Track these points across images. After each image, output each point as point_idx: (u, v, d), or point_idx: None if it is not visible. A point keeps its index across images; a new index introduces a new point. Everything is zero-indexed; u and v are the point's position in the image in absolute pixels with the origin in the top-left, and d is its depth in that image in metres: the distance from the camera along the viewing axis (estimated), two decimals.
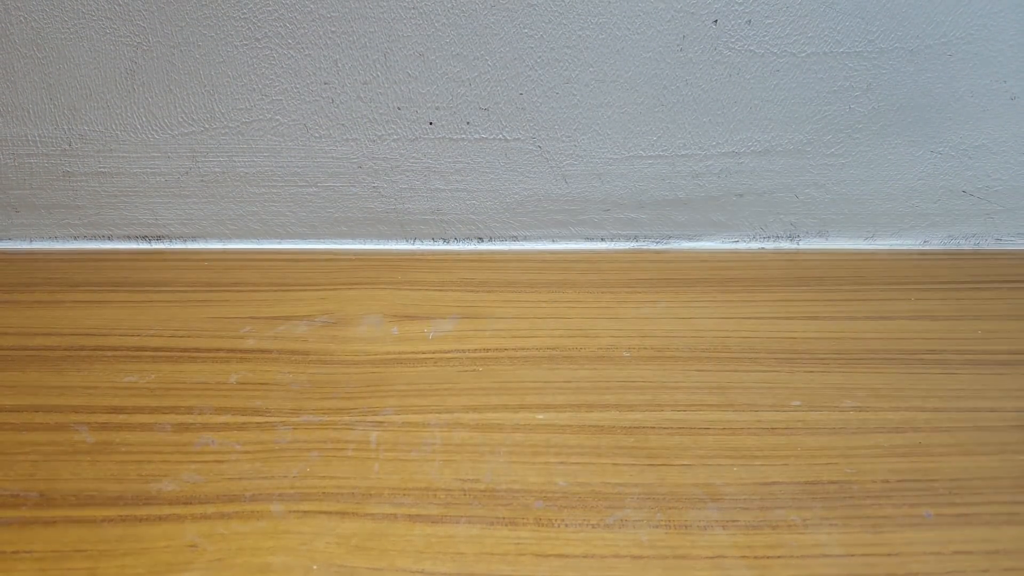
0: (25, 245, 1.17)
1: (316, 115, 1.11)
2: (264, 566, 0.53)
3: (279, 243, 1.17)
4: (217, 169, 1.14)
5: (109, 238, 1.17)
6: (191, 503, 0.59)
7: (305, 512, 0.58)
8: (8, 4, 1.06)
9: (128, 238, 1.17)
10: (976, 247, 1.18)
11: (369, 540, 0.56)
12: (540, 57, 1.10)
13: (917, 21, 1.08)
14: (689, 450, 0.67)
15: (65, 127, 1.12)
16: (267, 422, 0.70)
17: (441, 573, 0.53)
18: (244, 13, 1.07)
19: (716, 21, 1.08)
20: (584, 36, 1.09)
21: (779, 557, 0.55)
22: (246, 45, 1.09)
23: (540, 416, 0.72)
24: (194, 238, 1.17)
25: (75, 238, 1.17)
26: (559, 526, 0.57)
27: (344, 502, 0.60)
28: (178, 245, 1.17)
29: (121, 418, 0.71)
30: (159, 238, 1.17)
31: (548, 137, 1.13)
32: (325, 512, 0.58)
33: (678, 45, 1.09)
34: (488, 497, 0.61)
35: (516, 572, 0.53)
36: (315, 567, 0.53)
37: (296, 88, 1.10)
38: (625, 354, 0.84)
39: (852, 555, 0.55)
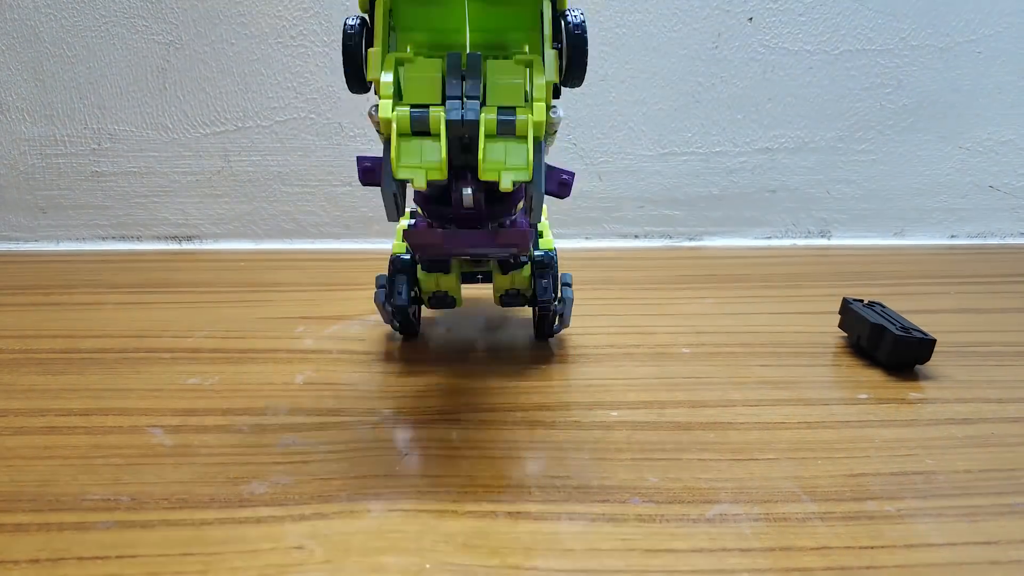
0: (52, 247, 1.15)
1: (351, 114, 1.11)
2: (377, 566, 0.52)
3: (312, 243, 1.16)
4: (250, 168, 1.12)
5: (138, 239, 1.15)
6: (287, 504, 0.58)
7: (405, 511, 0.58)
8: (37, 1, 1.05)
9: (158, 238, 1.16)
10: (1002, 242, 1.20)
11: (475, 538, 0.55)
12: None
13: (948, 19, 1.10)
14: (770, 444, 0.67)
15: (95, 126, 1.10)
16: (344, 421, 0.70)
17: (555, 570, 0.53)
18: (279, 10, 1.06)
19: (751, 19, 1.09)
20: (620, 34, 1.09)
21: (883, 547, 0.55)
22: (280, 42, 1.08)
23: (615, 413, 0.72)
24: (226, 238, 1.16)
25: (103, 239, 1.15)
26: (661, 522, 0.57)
27: (441, 500, 0.59)
28: (209, 245, 1.15)
29: (194, 420, 0.70)
30: (189, 238, 1.16)
31: (584, 134, 1.14)
32: (425, 511, 0.58)
33: (713, 43, 1.10)
34: (583, 494, 0.60)
35: (629, 567, 0.53)
36: (428, 566, 0.52)
37: (331, 86, 1.10)
38: (685, 351, 0.84)
39: (953, 544, 0.56)
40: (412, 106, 0.57)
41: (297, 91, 1.09)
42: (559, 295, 0.79)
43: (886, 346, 0.79)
